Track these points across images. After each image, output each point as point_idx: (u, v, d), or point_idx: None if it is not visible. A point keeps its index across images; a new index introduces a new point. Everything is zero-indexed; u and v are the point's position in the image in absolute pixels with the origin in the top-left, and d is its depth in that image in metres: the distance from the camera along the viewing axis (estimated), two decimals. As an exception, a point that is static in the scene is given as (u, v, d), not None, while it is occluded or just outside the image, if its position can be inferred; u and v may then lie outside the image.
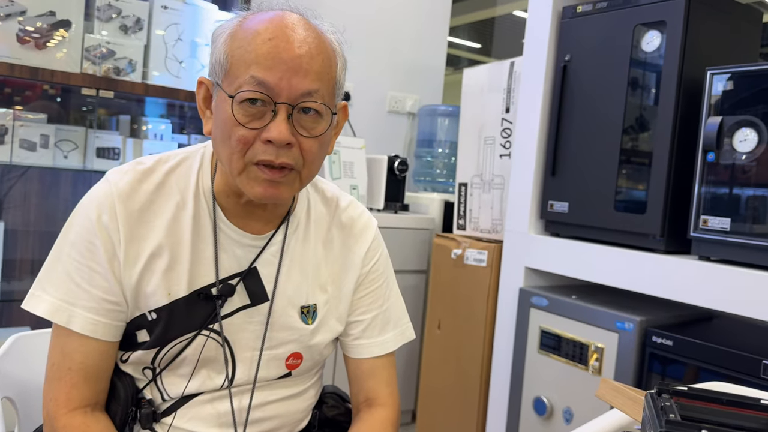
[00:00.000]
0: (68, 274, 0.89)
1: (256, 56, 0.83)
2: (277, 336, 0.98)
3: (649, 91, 1.66)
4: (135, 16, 2.15)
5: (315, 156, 0.89)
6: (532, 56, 1.92)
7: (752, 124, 1.38)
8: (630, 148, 1.68)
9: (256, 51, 0.83)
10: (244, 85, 0.83)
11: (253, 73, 0.83)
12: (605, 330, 1.63)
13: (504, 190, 2.15)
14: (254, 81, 0.83)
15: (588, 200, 1.75)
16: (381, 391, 1.04)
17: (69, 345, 0.89)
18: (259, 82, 0.83)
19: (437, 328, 2.30)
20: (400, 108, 3.07)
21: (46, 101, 2.28)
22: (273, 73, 0.83)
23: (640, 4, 1.64)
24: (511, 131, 2.12)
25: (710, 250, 1.47)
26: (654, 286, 1.55)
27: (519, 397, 1.87)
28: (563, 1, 1.88)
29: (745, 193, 1.40)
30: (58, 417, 0.88)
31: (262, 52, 0.83)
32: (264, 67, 0.83)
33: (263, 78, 0.82)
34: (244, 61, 0.84)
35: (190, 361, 0.94)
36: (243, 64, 0.84)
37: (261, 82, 0.83)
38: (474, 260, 2.14)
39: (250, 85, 0.83)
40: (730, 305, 1.39)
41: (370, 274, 1.05)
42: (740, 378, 1.35)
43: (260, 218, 0.97)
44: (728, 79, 1.44)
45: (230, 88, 0.84)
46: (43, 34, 1.98)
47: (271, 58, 0.83)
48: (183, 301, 0.92)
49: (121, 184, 0.91)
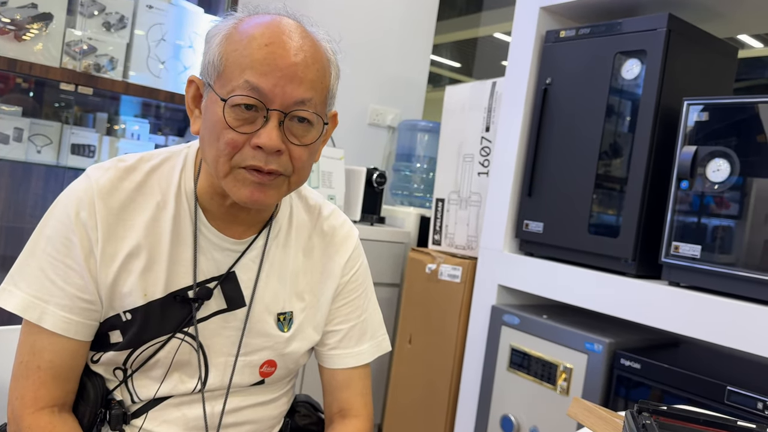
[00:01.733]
0: (42, 270, 0.87)
1: (251, 61, 0.82)
2: (253, 342, 0.96)
3: (626, 118, 1.70)
4: (119, 13, 2.13)
5: (305, 163, 0.88)
6: (514, 77, 1.95)
7: (725, 155, 1.42)
8: (605, 173, 1.72)
9: (252, 56, 0.82)
10: (238, 90, 0.82)
11: (248, 78, 0.82)
12: (574, 350, 1.65)
13: (480, 208, 2.16)
14: (248, 86, 0.82)
15: (563, 222, 1.77)
16: (355, 402, 1.03)
17: (39, 342, 0.87)
18: (253, 87, 0.82)
19: (408, 343, 2.29)
20: (381, 121, 3.08)
21: (19, 94, 2.23)
22: (267, 80, 0.82)
23: (621, 32, 1.68)
24: (490, 150, 2.15)
25: (680, 276, 1.50)
26: (624, 309, 1.57)
27: (486, 414, 1.87)
28: (547, 26, 1.91)
29: (716, 222, 1.44)
30: (23, 416, 0.86)
31: (257, 57, 0.82)
32: (259, 73, 0.82)
33: (257, 83, 0.82)
34: (238, 65, 0.83)
35: (162, 364, 0.92)
36: (237, 68, 0.83)
37: (255, 87, 0.82)
38: (448, 276, 2.15)
39: (243, 90, 0.82)
40: (698, 331, 1.42)
41: (349, 284, 1.05)
42: (704, 403, 1.38)
43: (242, 222, 0.96)
44: (703, 110, 1.48)
45: (223, 91, 0.83)
46: (22, 26, 1.94)
47: (266, 64, 0.82)
48: (159, 302, 0.91)
49: (101, 181, 0.89)
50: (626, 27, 1.67)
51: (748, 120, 1.39)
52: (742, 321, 1.34)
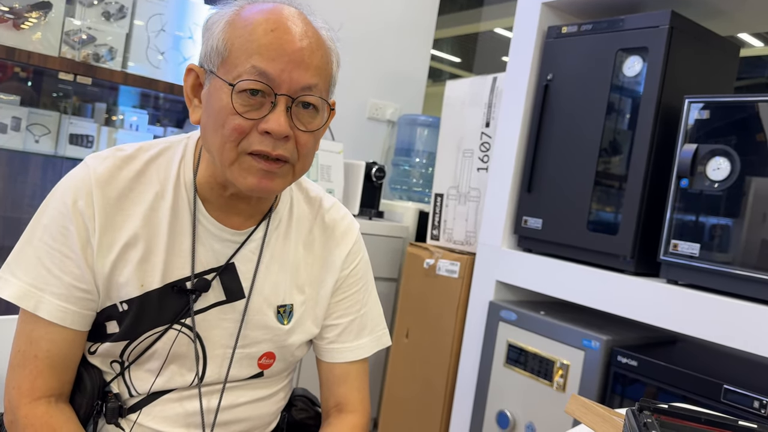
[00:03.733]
0: (39, 259, 0.87)
1: (258, 46, 0.82)
2: (251, 334, 0.96)
3: (626, 115, 1.69)
4: (118, 3, 2.12)
5: (309, 150, 0.88)
6: (515, 73, 1.94)
7: (726, 154, 1.42)
8: (605, 170, 1.71)
9: (258, 41, 0.82)
10: (244, 75, 0.81)
11: (255, 63, 0.81)
12: (571, 347, 1.64)
13: (479, 203, 2.16)
14: (255, 71, 0.81)
15: (562, 218, 1.77)
16: (352, 397, 1.03)
17: (36, 332, 0.87)
18: (261, 72, 0.81)
19: (405, 337, 2.29)
20: (380, 115, 3.07)
21: (17, 83, 2.22)
22: (275, 65, 0.81)
23: (623, 29, 1.68)
24: (489, 145, 2.14)
25: (678, 274, 1.50)
26: (621, 307, 1.57)
27: (483, 409, 1.87)
28: (548, 21, 1.91)
29: (715, 220, 1.43)
30: (20, 406, 0.86)
31: (264, 42, 0.82)
32: (266, 58, 0.81)
33: (265, 68, 0.81)
34: (245, 50, 0.82)
35: (159, 356, 0.92)
36: (244, 53, 0.82)
37: (263, 72, 0.81)
38: (446, 271, 2.14)
39: (250, 75, 0.81)
40: (695, 329, 1.42)
41: (349, 278, 1.04)
42: (701, 401, 1.38)
43: (242, 213, 0.95)
44: (704, 108, 1.48)
45: (228, 77, 0.83)
46: (21, 15, 1.93)
47: (273, 49, 0.81)
48: (156, 293, 0.90)
49: (99, 170, 0.89)
50: (628, 24, 1.66)
51: (749, 119, 1.39)
52: (739, 320, 1.34)
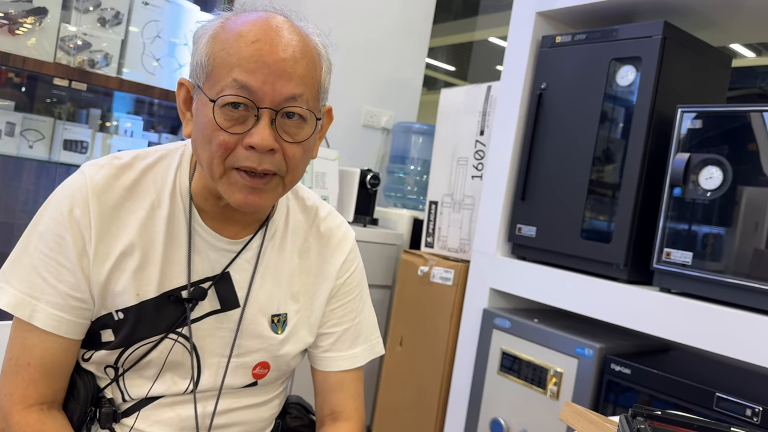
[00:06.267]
0: (34, 267, 0.87)
1: (238, 59, 0.81)
2: (246, 344, 0.96)
3: (620, 125, 1.70)
4: (114, 9, 2.12)
5: (298, 162, 0.87)
6: (509, 82, 1.96)
7: (718, 163, 1.43)
8: (599, 179, 1.72)
9: (239, 54, 0.81)
10: (226, 89, 0.81)
11: (236, 77, 0.80)
12: (565, 355, 1.65)
13: (474, 211, 2.17)
14: (236, 84, 0.80)
15: (555, 226, 1.78)
16: (347, 405, 1.03)
17: (30, 340, 0.87)
18: (242, 85, 0.80)
19: (399, 345, 2.29)
20: (375, 123, 3.08)
21: (11, 89, 2.22)
22: (256, 77, 0.80)
23: (617, 39, 1.69)
24: (484, 153, 2.15)
25: (671, 282, 1.51)
26: (615, 315, 1.58)
27: (476, 417, 1.87)
28: (543, 31, 1.92)
29: (708, 229, 1.44)
30: (12, 413, 0.85)
31: (245, 55, 0.81)
32: (247, 71, 0.80)
33: (246, 82, 0.80)
34: (226, 64, 0.81)
35: (155, 364, 0.91)
36: (225, 67, 0.81)
37: (243, 85, 0.80)
38: (440, 278, 2.15)
39: (232, 89, 0.81)
40: (688, 337, 1.43)
41: (344, 287, 1.04)
42: (693, 409, 1.39)
43: (238, 222, 0.95)
44: (697, 118, 1.49)
45: (211, 92, 0.82)
46: (16, 20, 1.93)
47: (254, 62, 0.80)
48: (152, 302, 0.90)
49: (96, 178, 0.89)
50: (622, 34, 1.68)
51: (741, 128, 1.40)
52: (732, 328, 1.35)
